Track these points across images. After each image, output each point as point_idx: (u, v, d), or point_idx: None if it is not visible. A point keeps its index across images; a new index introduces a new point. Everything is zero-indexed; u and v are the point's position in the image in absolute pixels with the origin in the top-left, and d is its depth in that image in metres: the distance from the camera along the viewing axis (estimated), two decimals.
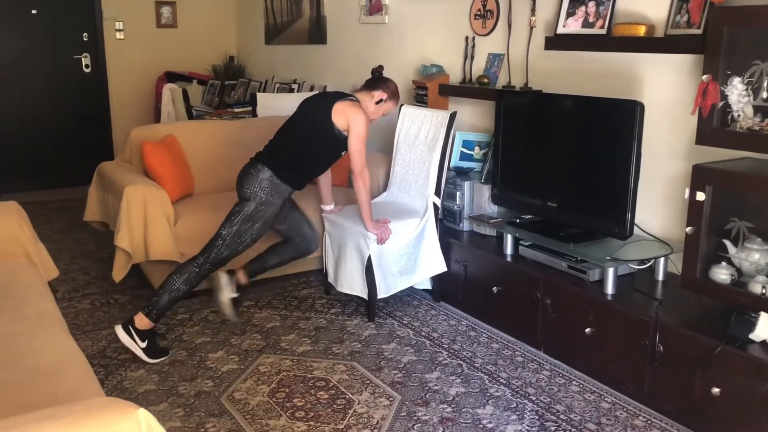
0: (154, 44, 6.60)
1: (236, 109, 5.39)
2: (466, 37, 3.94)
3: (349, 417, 2.54)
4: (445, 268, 3.45)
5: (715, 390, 2.29)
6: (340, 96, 3.22)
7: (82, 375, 1.89)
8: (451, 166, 3.73)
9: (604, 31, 3.04)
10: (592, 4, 3.12)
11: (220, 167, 3.98)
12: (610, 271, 2.75)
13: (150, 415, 1.23)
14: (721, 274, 2.41)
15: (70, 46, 6.25)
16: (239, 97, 6.13)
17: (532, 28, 3.49)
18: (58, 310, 2.40)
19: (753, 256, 2.36)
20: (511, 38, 3.66)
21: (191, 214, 3.54)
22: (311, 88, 5.35)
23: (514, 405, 2.63)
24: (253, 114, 4.90)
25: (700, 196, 2.39)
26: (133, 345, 2.94)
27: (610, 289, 2.75)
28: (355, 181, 3.23)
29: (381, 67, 3.40)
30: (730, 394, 2.27)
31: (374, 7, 4.78)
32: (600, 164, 2.91)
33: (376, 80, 3.34)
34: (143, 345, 2.94)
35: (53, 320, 2.26)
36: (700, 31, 2.65)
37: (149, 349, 2.96)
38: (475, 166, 3.78)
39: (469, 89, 3.85)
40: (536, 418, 2.54)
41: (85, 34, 6.28)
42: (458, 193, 3.57)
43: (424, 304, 3.59)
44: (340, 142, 3.19)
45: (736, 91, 2.35)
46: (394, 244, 3.33)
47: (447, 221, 3.65)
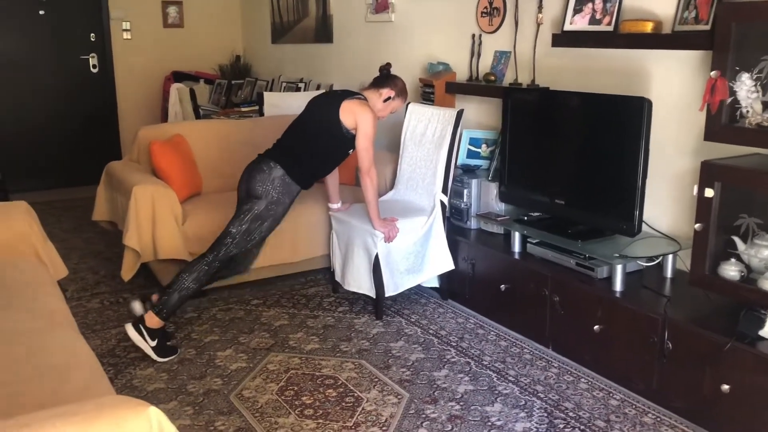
0: (161, 44, 6.62)
1: (243, 109, 5.39)
2: (473, 35, 3.93)
3: (358, 415, 2.54)
4: (452, 266, 3.44)
5: (725, 387, 2.29)
6: (348, 94, 3.22)
7: (92, 373, 1.90)
8: (459, 163, 3.72)
9: (611, 28, 3.03)
10: (599, 1, 3.11)
11: (228, 166, 3.98)
12: (619, 268, 2.74)
13: (161, 413, 1.24)
14: (730, 271, 2.40)
15: (77, 47, 6.27)
16: (246, 97, 6.14)
17: (538, 25, 3.48)
18: (68, 309, 2.41)
19: (762, 252, 2.35)
20: (518, 35, 3.65)
21: (199, 213, 3.56)
22: (318, 87, 5.35)
23: (523, 402, 2.63)
24: (260, 113, 4.91)
25: (709, 193, 2.38)
26: (143, 343, 2.95)
27: (618, 286, 2.75)
28: (362, 180, 3.23)
29: (389, 65, 3.39)
30: (739, 391, 2.27)
31: (380, 6, 4.78)
32: (608, 161, 2.90)
33: (384, 78, 3.33)
34: (153, 344, 2.96)
35: (63, 319, 2.27)
36: (708, 27, 2.63)
37: (159, 347, 2.97)
38: (483, 163, 3.77)
39: (476, 87, 3.84)
40: (545, 415, 2.54)
41: (92, 35, 6.30)
42: (465, 191, 3.57)
43: (431, 302, 3.59)
44: (347, 141, 3.19)
45: (745, 87, 2.34)
46: (402, 242, 3.33)
47: (454, 219, 3.65)
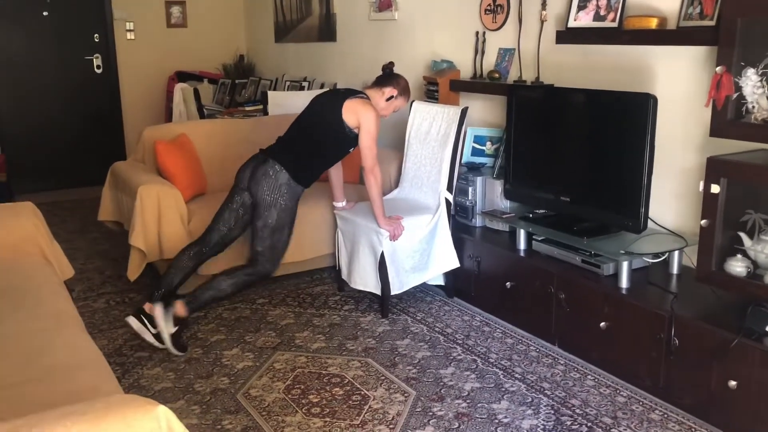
0: (165, 44, 6.63)
1: (247, 108, 5.39)
2: (477, 32, 3.93)
3: (365, 413, 2.54)
4: (458, 264, 3.44)
5: (732, 383, 2.28)
6: (351, 93, 3.22)
7: (100, 373, 1.91)
8: (463, 161, 3.72)
9: (615, 24, 3.03)
10: None
11: (233, 166, 3.94)
12: (625, 265, 2.73)
13: (170, 412, 1.24)
14: (737, 267, 2.40)
15: (81, 47, 6.28)
16: (250, 96, 6.14)
17: (542, 22, 3.47)
18: (75, 309, 2.42)
19: None
20: (522, 33, 3.64)
21: (205, 213, 3.55)
22: (321, 86, 5.35)
23: (530, 400, 2.63)
24: (264, 112, 4.92)
25: (715, 189, 2.38)
26: (164, 327, 2.96)
27: (624, 283, 2.74)
28: (366, 178, 3.23)
29: (392, 64, 3.40)
30: (747, 387, 2.26)
31: (384, 4, 4.78)
32: (613, 158, 2.90)
33: (387, 76, 3.34)
34: (172, 330, 2.99)
35: (70, 319, 2.28)
36: (713, 23, 2.63)
37: (176, 336, 3.00)
38: (487, 161, 3.77)
39: (480, 84, 3.84)
40: (552, 412, 2.54)
41: (95, 35, 6.31)
42: (470, 189, 3.57)
43: (437, 300, 3.59)
44: (350, 139, 3.19)
45: (751, 83, 2.33)
46: (407, 240, 3.33)
47: (459, 217, 3.65)
